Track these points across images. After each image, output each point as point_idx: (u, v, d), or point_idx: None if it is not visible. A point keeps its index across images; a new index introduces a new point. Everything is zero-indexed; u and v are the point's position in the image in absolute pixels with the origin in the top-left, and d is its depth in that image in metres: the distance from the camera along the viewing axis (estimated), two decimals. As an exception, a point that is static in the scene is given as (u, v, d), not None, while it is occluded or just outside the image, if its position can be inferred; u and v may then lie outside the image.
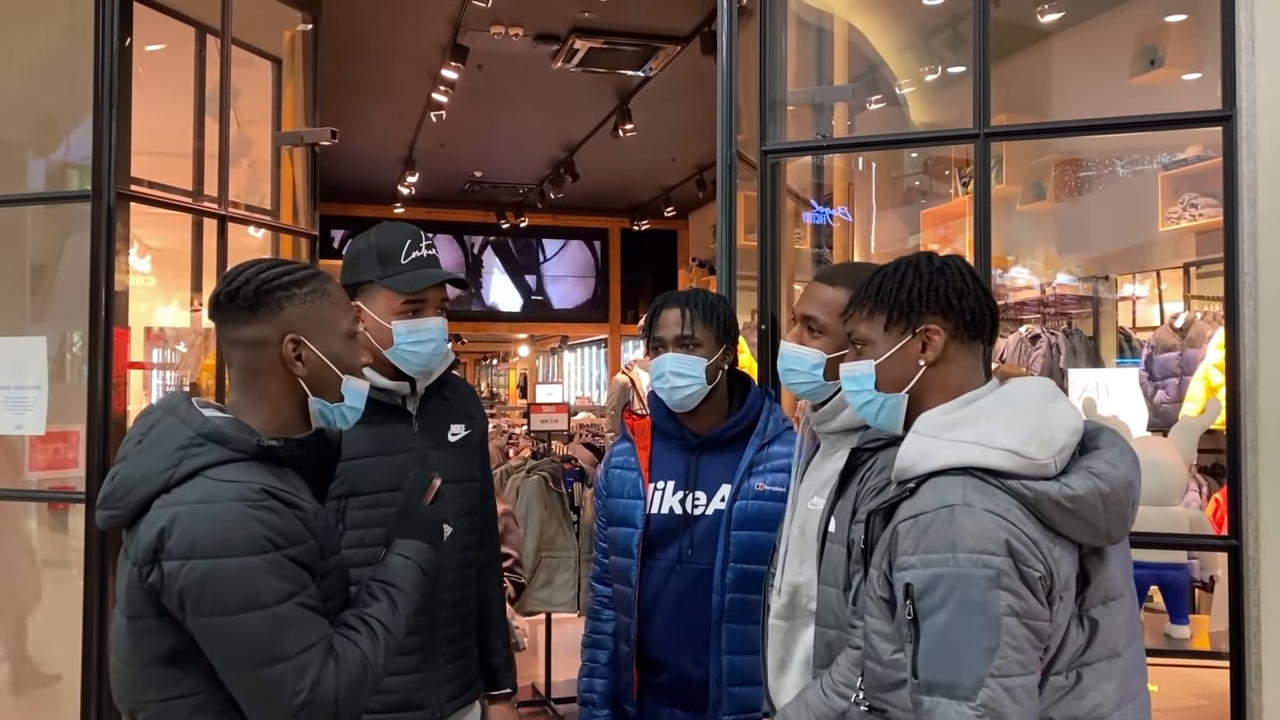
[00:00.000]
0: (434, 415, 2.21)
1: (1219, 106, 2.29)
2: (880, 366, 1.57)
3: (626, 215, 14.68)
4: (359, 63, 7.83)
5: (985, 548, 1.32)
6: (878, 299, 1.58)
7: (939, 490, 1.39)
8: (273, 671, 1.40)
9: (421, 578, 1.67)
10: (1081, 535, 1.40)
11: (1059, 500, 1.37)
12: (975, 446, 1.40)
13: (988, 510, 1.34)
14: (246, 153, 4.49)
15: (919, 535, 1.37)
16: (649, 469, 2.31)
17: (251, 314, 1.54)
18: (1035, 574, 1.33)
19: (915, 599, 1.36)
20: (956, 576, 1.32)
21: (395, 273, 2.10)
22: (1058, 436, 1.41)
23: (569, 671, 5.50)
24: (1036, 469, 1.38)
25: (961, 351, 1.53)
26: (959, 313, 1.52)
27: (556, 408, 5.72)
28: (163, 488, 1.44)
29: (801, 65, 3.46)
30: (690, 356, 2.22)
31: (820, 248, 4.00)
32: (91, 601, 3.09)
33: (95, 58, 3.08)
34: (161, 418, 1.52)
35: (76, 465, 3.31)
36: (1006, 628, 1.31)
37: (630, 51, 7.66)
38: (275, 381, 1.56)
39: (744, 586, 2.18)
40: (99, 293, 3.07)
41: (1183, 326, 5.61)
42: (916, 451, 1.45)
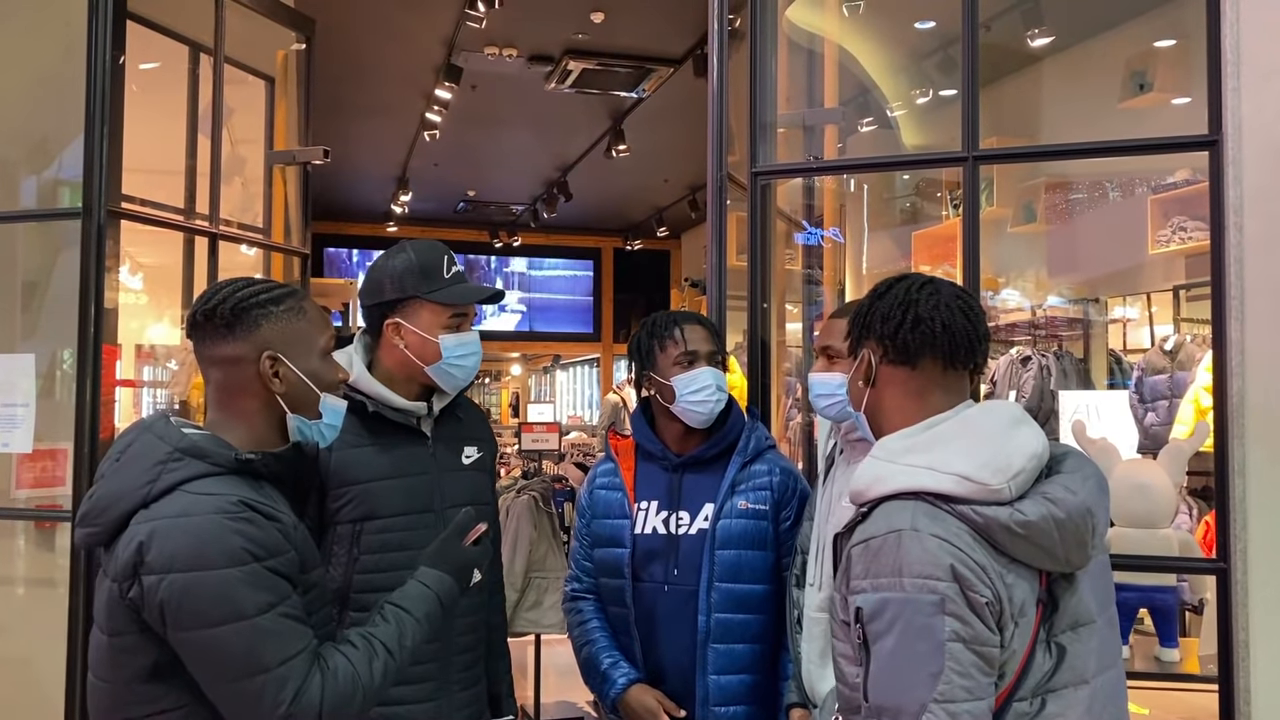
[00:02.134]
0: (449, 438, 2.20)
1: (1206, 130, 2.31)
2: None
3: (619, 235, 14.71)
4: (353, 82, 7.86)
5: (930, 573, 1.32)
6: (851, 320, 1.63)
7: (889, 515, 1.40)
8: (253, 683, 1.39)
9: (438, 610, 1.67)
10: (1038, 561, 1.39)
11: (1010, 526, 1.36)
12: (927, 471, 1.40)
13: (935, 535, 1.35)
14: (239, 171, 4.50)
15: (869, 560, 1.37)
16: (634, 488, 2.31)
17: (229, 332, 1.55)
18: (981, 599, 1.33)
19: (865, 623, 1.36)
20: (902, 601, 1.32)
21: (440, 287, 2.11)
22: (1014, 462, 1.41)
23: (558, 693, 5.47)
24: (989, 494, 1.37)
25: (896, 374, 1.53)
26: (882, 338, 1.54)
27: (548, 427, 5.72)
28: (141, 503, 1.44)
29: (792, 87, 3.48)
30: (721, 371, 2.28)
31: (811, 268, 4.01)
32: (76, 619, 3.07)
33: (88, 75, 3.08)
34: (139, 435, 1.53)
35: (64, 483, 3.29)
36: (951, 653, 1.31)
37: (623, 73, 7.70)
38: (253, 399, 1.57)
39: (729, 606, 2.19)
40: (88, 310, 3.06)
41: (1172, 349, 5.63)
42: (870, 476, 1.46)
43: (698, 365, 2.25)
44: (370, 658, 1.53)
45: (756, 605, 2.22)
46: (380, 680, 1.53)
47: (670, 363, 2.26)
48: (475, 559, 1.79)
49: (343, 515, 2.04)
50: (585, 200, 12.01)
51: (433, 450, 2.15)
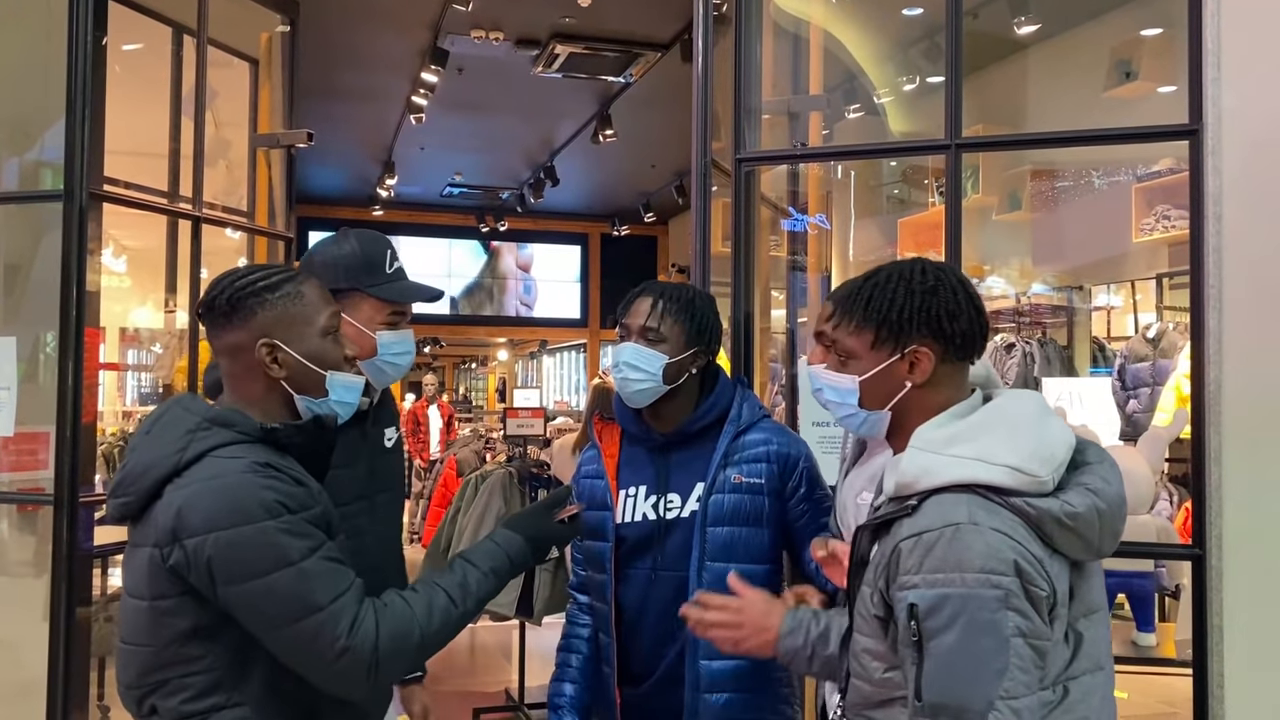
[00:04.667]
0: (376, 422, 2.19)
1: (1187, 120, 2.32)
2: (865, 383, 1.52)
3: (607, 221, 14.70)
4: (338, 65, 7.82)
5: (994, 567, 1.29)
6: (865, 314, 1.51)
7: (943, 508, 1.35)
8: (310, 623, 1.45)
9: (506, 566, 1.71)
10: (1076, 551, 1.38)
11: (1060, 518, 1.34)
12: (978, 463, 1.37)
13: (995, 529, 1.32)
14: (223, 154, 4.48)
15: (923, 554, 1.33)
16: (616, 475, 2.19)
17: (228, 321, 1.60)
18: (1041, 593, 1.31)
19: (920, 620, 1.31)
20: (964, 597, 1.29)
21: (383, 282, 2.07)
22: (1057, 453, 1.39)
23: (542, 677, 5.48)
24: (1038, 486, 1.36)
25: (950, 372, 1.49)
26: (949, 336, 1.47)
27: (533, 412, 5.73)
28: (173, 470, 1.49)
29: (778, 74, 3.48)
30: (649, 350, 2.07)
31: (796, 254, 4.02)
32: (58, 602, 3.07)
33: (69, 56, 3.06)
34: (169, 409, 1.60)
35: (46, 467, 3.28)
36: (1014, 649, 1.28)
37: (611, 57, 7.69)
38: (258, 384, 1.61)
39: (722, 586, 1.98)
40: (70, 293, 3.05)
41: (1155, 337, 5.67)
42: (918, 467, 1.41)
43: (625, 340, 2.11)
44: (430, 600, 1.58)
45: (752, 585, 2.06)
46: (440, 623, 1.57)
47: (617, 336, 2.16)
48: (559, 535, 1.82)
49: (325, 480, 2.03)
50: (572, 185, 12.00)
51: (366, 436, 2.13)
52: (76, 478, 3.06)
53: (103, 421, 6.32)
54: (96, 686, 3.62)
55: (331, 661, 1.46)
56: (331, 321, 1.66)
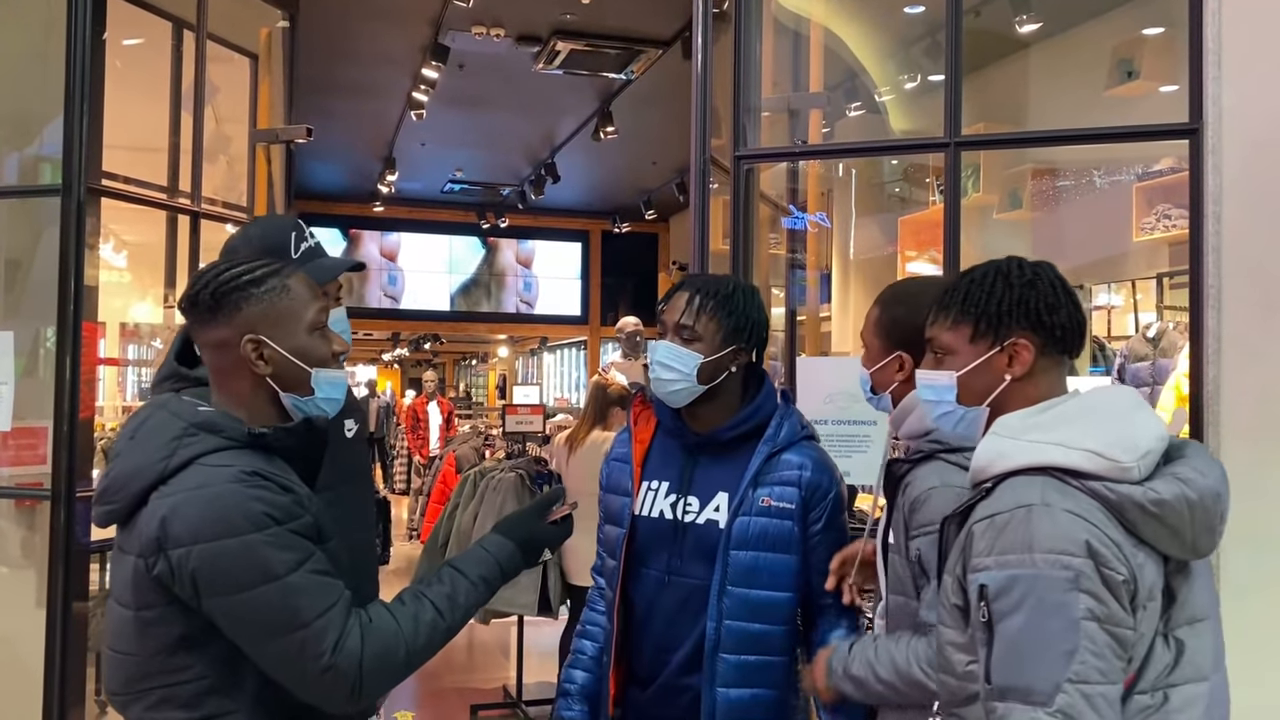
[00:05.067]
0: None
1: (1187, 120, 2.32)
2: (962, 378, 1.51)
3: (607, 218, 14.69)
4: (339, 61, 7.82)
5: (1064, 548, 1.27)
6: (963, 308, 1.51)
7: (1016, 490, 1.34)
8: (293, 639, 1.42)
9: (497, 575, 1.67)
10: (1167, 545, 1.33)
11: (1143, 504, 1.31)
12: (1055, 447, 1.35)
13: (1067, 510, 1.29)
14: (224, 150, 4.47)
15: (994, 536, 1.31)
16: (642, 464, 2.10)
17: (212, 317, 1.55)
18: (1118, 577, 1.27)
19: (990, 601, 1.30)
20: (1033, 578, 1.27)
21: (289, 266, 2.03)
22: (1142, 442, 1.35)
23: (540, 674, 5.49)
24: (1119, 472, 1.32)
25: (1049, 366, 1.47)
26: (1049, 328, 1.46)
27: (532, 409, 5.72)
28: (159, 478, 1.46)
29: (778, 71, 3.47)
30: (683, 349, 1.98)
31: (795, 252, 4.02)
32: (55, 597, 3.07)
33: (68, 51, 3.06)
34: (153, 413, 1.55)
35: (45, 462, 3.28)
36: (1086, 632, 1.25)
37: (612, 54, 7.68)
38: (244, 381, 1.57)
39: (743, 614, 1.97)
40: (68, 287, 3.05)
41: (1155, 336, 5.66)
42: (993, 452, 1.40)
43: (661, 337, 2.03)
44: (417, 614, 1.54)
45: (774, 614, 1.99)
46: (427, 638, 1.54)
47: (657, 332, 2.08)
48: (551, 537, 1.78)
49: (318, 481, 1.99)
50: (573, 182, 12.00)
51: None
52: (74, 473, 3.07)
53: (103, 416, 6.32)
54: (93, 681, 3.62)
55: (315, 678, 1.44)
56: (319, 317, 1.62)
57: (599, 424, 5.02)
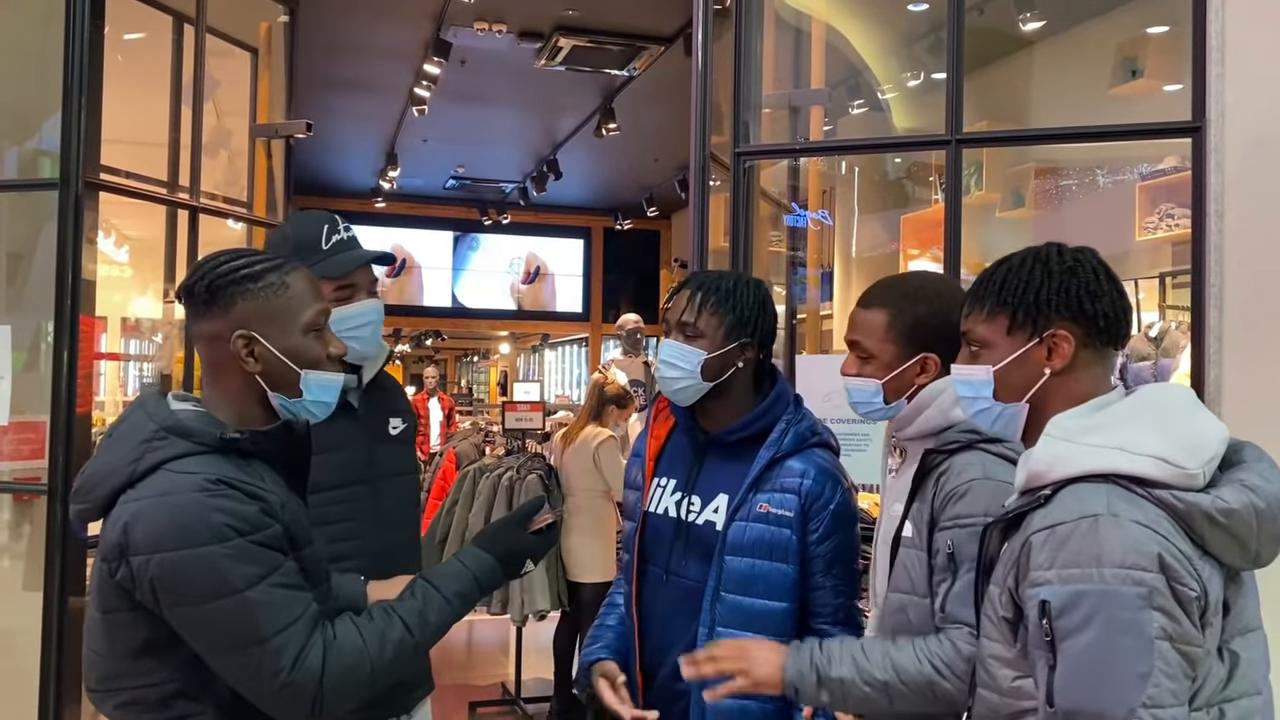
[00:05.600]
0: (375, 409, 2.16)
1: (1190, 118, 2.31)
2: (999, 373, 1.43)
3: (609, 214, 14.68)
4: (340, 56, 7.80)
5: (1136, 562, 1.19)
6: (1000, 298, 1.42)
7: (1079, 498, 1.25)
8: (250, 655, 1.39)
9: (473, 591, 1.63)
10: (1231, 555, 1.26)
11: (1211, 514, 1.23)
12: (1119, 452, 1.27)
13: (1136, 521, 1.21)
14: (224, 144, 4.47)
15: (1056, 548, 1.23)
16: (655, 461, 2.10)
17: (206, 309, 1.52)
18: (1191, 593, 1.19)
19: (1053, 618, 1.21)
20: (1102, 594, 1.19)
21: (317, 260, 2.00)
22: (1207, 445, 1.28)
23: (538, 671, 5.48)
24: (1185, 479, 1.25)
25: (1092, 359, 1.39)
26: (1091, 317, 1.37)
27: (532, 406, 5.71)
28: (126, 482, 1.42)
29: (780, 68, 3.46)
30: (688, 346, 1.95)
31: (796, 250, 4.00)
32: (52, 590, 3.06)
33: (65, 45, 3.05)
34: (132, 412, 1.52)
35: (43, 456, 3.27)
36: (1159, 652, 1.17)
37: (614, 51, 7.67)
38: (233, 376, 1.54)
39: (735, 621, 1.92)
40: (65, 281, 3.05)
41: (1157, 336, 5.64)
42: (1051, 455, 1.31)
43: (667, 335, 2.00)
44: (384, 631, 1.50)
45: (768, 624, 1.90)
46: (394, 656, 1.50)
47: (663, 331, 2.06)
48: (532, 548, 1.73)
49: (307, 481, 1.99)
50: (575, 179, 11.98)
51: (362, 422, 2.11)
52: (71, 467, 3.06)
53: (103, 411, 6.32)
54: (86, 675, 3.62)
55: (273, 694, 1.41)
56: (317, 318, 1.57)
57: (593, 421, 5.04)
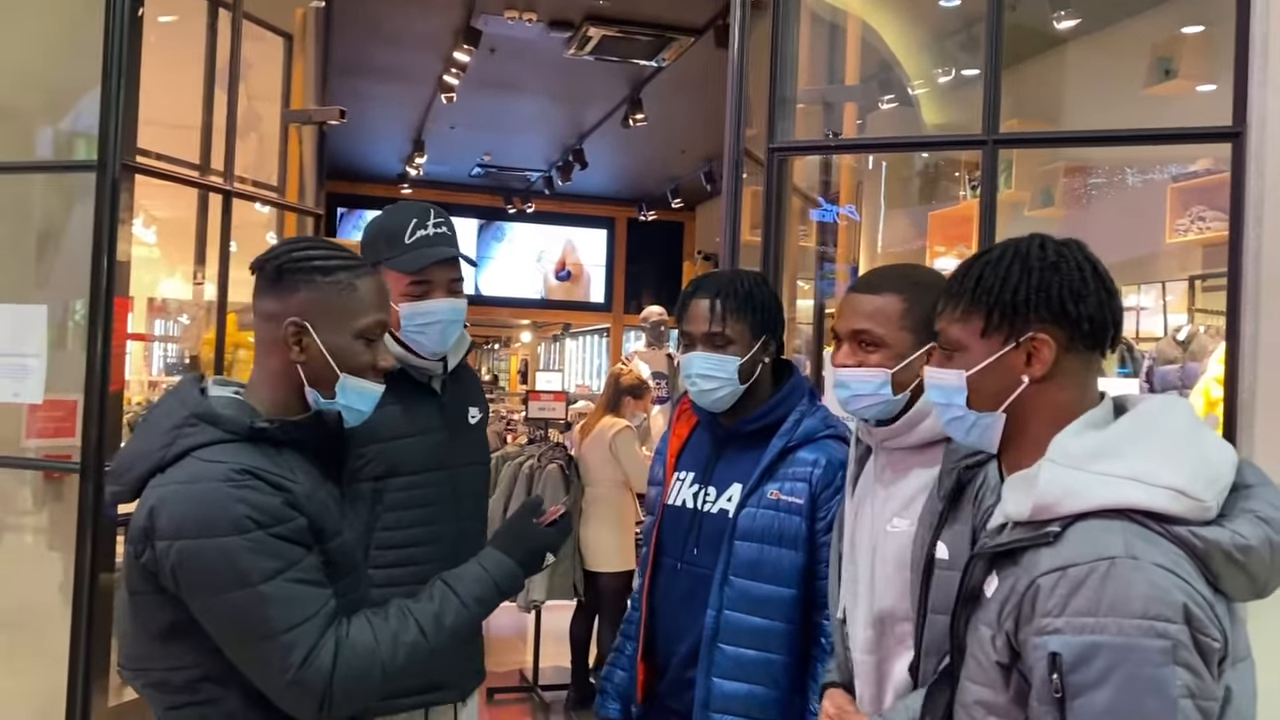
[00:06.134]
0: (456, 397, 2.18)
1: (1230, 121, 2.29)
2: (973, 379, 1.31)
3: (633, 205, 14.66)
4: (371, 42, 7.82)
5: (1159, 613, 1.08)
6: (975, 296, 1.29)
7: (1093, 537, 1.14)
8: (260, 649, 1.41)
9: (493, 596, 1.62)
10: (1241, 592, 1.16)
11: (1231, 552, 1.13)
12: (1134, 484, 1.15)
13: (1158, 565, 1.10)
14: (255, 128, 4.49)
15: (1068, 593, 1.12)
16: (677, 456, 2.16)
17: (271, 287, 1.55)
18: (1214, 645, 1.09)
19: (1064, 672, 1.10)
20: (1122, 647, 1.08)
21: (399, 253, 2.03)
22: (1222, 474, 1.18)
23: (556, 659, 5.50)
24: (1201, 512, 1.15)
25: (1076, 366, 1.27)
26: (1075, 320, 1.25)
27: (555, 396, 5.72)
28: (157, 466, 1.45)
29: (814, 62, 3.45)
30: (721, 356, 2.00)
31: (825, 245, 3.99)
32: (83, 569, 3.10)
33: (105, 28, 3.08)
34: (168, 397, 1.54)
35: (74, 434, 3.31)
36: (1183, 713, 1.07)
37: (644, 41, 7.64)
38: (277, 360, 1.56)
39: (743, 605, 1.97)
40: (101, 262, 3.07)
41: (1185, 339, 5.59)
42: (1060, 487, 1.19)
43: (691, 349, 2.04)
44: (398, 633, 1.50)
45: (776, 610, 1.96)
46: (405, 659, 1.51)
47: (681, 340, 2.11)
48: (549, 541, 1.71)
49: (364, 474, 2.00)
50: (601, 169, 11.97)
51: (444, 408, 2.14)
52: (103, 446, 3.09)
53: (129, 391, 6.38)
54: (117, 653, 3.66)
55: (282, 689, 1.42)
56: (373, 327, 1.58)
57: (610, 411, 5.08)
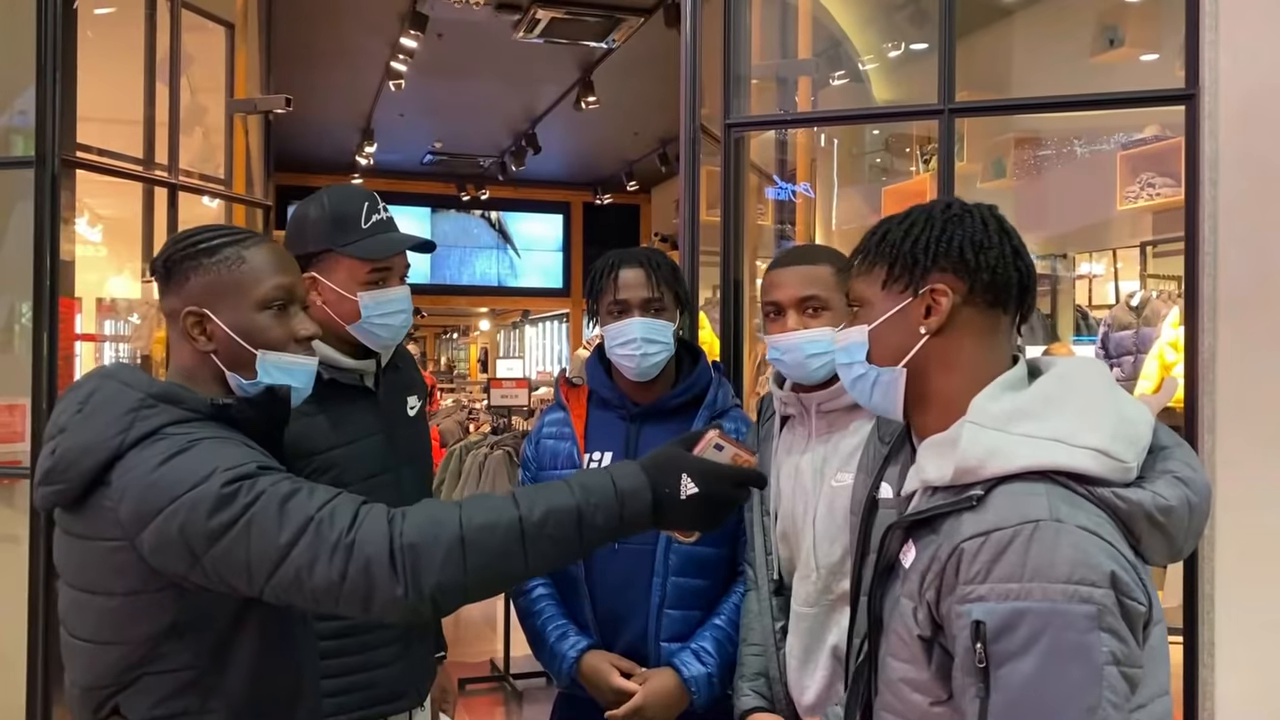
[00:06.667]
0: (392, 391, 2.08)
1: (1177, 86, 2.30)
2: (874, 333, 1.27)
3: (589, 189, 14.60)
4: (316, 29, 7.69)
5: (1085, 577, 1.04)
6: (879, 250, 1.27)
7: (1016, 501, 1.10)
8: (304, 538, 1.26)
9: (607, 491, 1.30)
10: (1158, 554, 1.15)
11: (1152, 513, 1.11)
12: (1056, 444, 1.13)
13: (1083, 528, 1.07)
14: (199, 121, 4.39)
15: (991, 558, 1.08)
16: (584, 439, 2.16)
17: (165, 285, 1.48)
18: (1140, 608, 1.07)
19: (987, 640, 1.06)
20: (1047, 613, 1.04)
21: (357, 239, 1.92)
22: (1141, 434, 1.16)
23: (527, 647, 5.49)
24: (1122, 473, 1.12)
25: (976, 320, 1.22)
26: (974, 270, 1.21)
27: (517, 383, 5.69)
28: (114, 455, 1.34)
29: (765, 39, 3.43)
30: (659, 321, 2.08)
31: (783, 224, 3.98)
32: (37, 576, 3.03)
33: (38, 19, 2.98)
34: (100, 384, 1.43)
35: (23, 439, 3.22)
36: (1108, 680, 1.03)
37: (593, 22, 7.58)
38: (188, 355, 1.48)
39: (688, 570, 2.06)
40: (44, 262, 2.99)
41: (1139, 305, 5.67)
42: (982, 449, 1.15)
43: (628, 315, 2.07)
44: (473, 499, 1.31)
45: (713, 569, 2.08)
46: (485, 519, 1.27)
47: (605, 310, 2.11)
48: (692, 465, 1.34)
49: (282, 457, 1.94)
50: (554, 153, 11.89)
51: (381, 407, 2.04)
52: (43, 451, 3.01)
53: (80, 393, 6.29)
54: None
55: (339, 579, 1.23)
56: (274, 293, 1.48)
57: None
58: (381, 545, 1.24)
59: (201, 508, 1.28)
